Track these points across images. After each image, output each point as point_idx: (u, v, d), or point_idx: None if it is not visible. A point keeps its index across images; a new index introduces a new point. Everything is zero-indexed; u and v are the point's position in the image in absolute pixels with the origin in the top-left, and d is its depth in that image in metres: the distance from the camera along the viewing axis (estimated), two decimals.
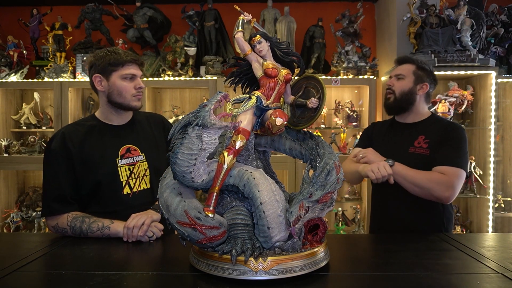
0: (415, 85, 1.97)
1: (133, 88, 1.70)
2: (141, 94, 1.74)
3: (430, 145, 1.88)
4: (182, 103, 3.95)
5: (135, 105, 1.73)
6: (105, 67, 1.67)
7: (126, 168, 1.69)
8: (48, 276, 1.13)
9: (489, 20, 3.55)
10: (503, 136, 3.78)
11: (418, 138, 1.93)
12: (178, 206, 1.06)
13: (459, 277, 1.10)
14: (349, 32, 3.60)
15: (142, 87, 1.72)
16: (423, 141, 1.91)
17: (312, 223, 1.14)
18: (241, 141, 1.07)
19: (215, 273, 1.05)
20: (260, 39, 1.15)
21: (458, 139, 1.87)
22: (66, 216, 1.58)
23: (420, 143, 1.91)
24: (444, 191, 1.77)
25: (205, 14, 3.69)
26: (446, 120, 2.06)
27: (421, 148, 1.90)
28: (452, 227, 1.99)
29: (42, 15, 3.79)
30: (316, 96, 1.20)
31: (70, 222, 1.55)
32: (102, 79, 1.69)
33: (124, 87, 1.68)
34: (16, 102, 3.90)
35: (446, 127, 1.93)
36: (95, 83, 1.71)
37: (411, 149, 1.92)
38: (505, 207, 3.63)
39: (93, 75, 1.70)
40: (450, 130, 1.90)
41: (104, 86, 1.70)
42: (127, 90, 1.69)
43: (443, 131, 1.90)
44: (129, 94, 1.69)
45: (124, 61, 1.67)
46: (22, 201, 3.78)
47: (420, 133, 1.94)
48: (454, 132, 1.89)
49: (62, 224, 1.57)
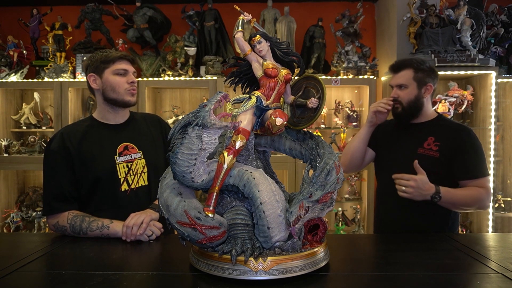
0: (419, 90, 1.93)
1: (126, 83, 1.74)
2: (134, 89, 1.77)
3: (440, 148, 1.86)
4: (182, 103, 3.95)
5: (129, 100, 1.76)
6: (98, 66, 1.74)
7: (124, 165, 1.72)
8: (48, 276, 1.13)
9: (489, 20, 3.55)
10: (503, 136, 3.78)
11: (428, 139, 1.90)
12: (178, 206, 1.06)
13: (459, 277, 1.10)
14: (349, 32, 3.60)
15: (134, 82, 1.77)
16: (433, 143, 1.88)
17: (312, 223, 1.14)
18: (241, 141, 1.07)
19: (215, 273, 1.05)
20: (260, 39, 1.15)
21: (476, 145, 1.88)
22: (66, 214, 1.60)
23: (430, 145, 1.88)
24: (487, 205, 1.86)
25: (205, 14, 3.69)
26: (454, 123, 2.05)
27: (431, 150, 1.87)
28: (457, 227, 1.98)
29: (42, 15, 3.79)
30: (316, 96, 1.20)
31: (70, 220, 1.57)
32: (96, 77, 1.75)
33: (117, 82, 1.73)
34: (16, 102, 3.90)
35: (459, 132, 1.90)
36: (90, 82, 1.77)
37: (420, 150, 1.89)
38: (505, 207, 3.63)
39: (88, 74, 1.77)
40: (465, 136, 1.88)
41: (98, 84, 1.75)
42: (119, 85, 1.73)
43: (457, 137, 1.87)
44: (122, 88, 1.73)
45: (114, 58, 1.73)
46: (22, 201, 3.78)
47: (429, 134, 1.91)
48: (471, 138, 1.88)
49: (62, 222, 1.59)
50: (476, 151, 1.86)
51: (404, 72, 1.95)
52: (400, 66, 1.98)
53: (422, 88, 1.93)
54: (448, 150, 1.85)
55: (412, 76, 1.93)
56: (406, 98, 1.93)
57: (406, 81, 1.94)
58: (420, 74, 1.93)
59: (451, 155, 1.85)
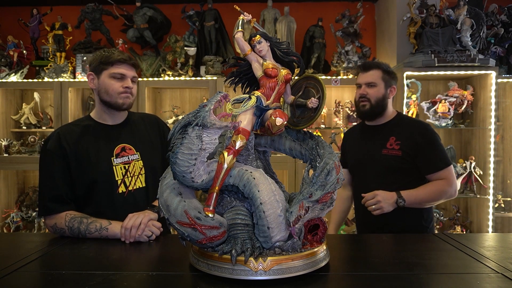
0: (386, 90, 2.05)
1: (120, 87, 1.70)
2: (128, 94, 1.72)
3: (401, 147, 1.98)
4: (182, 103, 3.95)
5: (122, 102, 1.72)
6: (97, 66, 1.72)
7: (121, 167, 1.70)
8: (48, 276, 1.13)
9: (489, 20, 3.55)
10: (503, 136, 3.78)
11: (390, 139, 2.01)
12: (178, 206, 1.06)
13: (459, 277, 1.10)
14: (349, 32, 3.60)
15: (129, 87, 1.72)
16: (395, 143, 2.00)
17: (312, 223, 1.14)
18: (241, 141, 1.07)
19: (215, 273, 1.05)
20: (260, 39, 1.15)
21: (434, 139, 1.99)
22: (64, 216, 1.57)
23: (392, 145, 2.00)
24: (452, 193, 1.96)
25: (205, 14, 3.69)
26: (411, 120, 2.18)
27: (394, 149, 1.99)
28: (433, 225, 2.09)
29: (42, 15, 3.79)
30: (316, 96, 1.20)
31: (68, 222, 1.55)
32: (94, 77, 1.74)
33: (111, 86, 1.70)
34: (16, 102, 3.90)
35: (415, 128, 2.01)
36: (88, 81, 1.76)
37: (384, 151, 2.01)
38: (505, 207, 3.63)
39: (87, 73, 1.76)
40: (422, 132, 1.99)
41: (95, 84, 1.74)
42: (113, 89, 1.70)
43: (415, 134, 1.98)
44: (115, 92, 1.70)
45: (114, 60, 1.70)
46: (22, 201, 3.78)
47: (390, 134, 2.03)
48: (427, 133, 1.99)
49: (60, 225, 1.57)
50: (433, 145, 1.98)
51: (373, 71, 2.07)
52: (370, 66, 2.10)
53: (388, 89, 2.06)
54: (408, 147, 1.97)
55: (381, 76, 2.05)
56: (375, 96, 2.04)
57: (375, 80, 2.05)
58: (387, 76, 2.06)
59: (412, 152, 1.96)
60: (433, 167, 1.96)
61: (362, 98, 2.06)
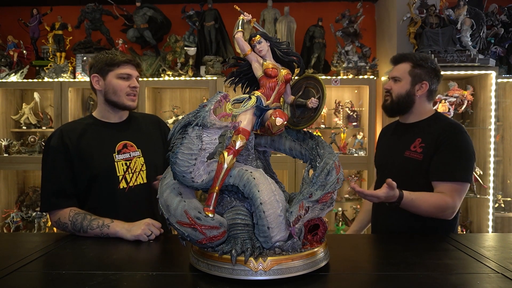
0: (412, 87, 1.85)
1: (128, 87, 1.76)
2: (135, 94, 1.79)
3: (424, 150, 1.76)
4: (182, 103, 3.95)
5: (129, 105, 1.78)
6: (102, 67, 1.75)
7: (123, 163, 1.73)
8: (48, 276, 1.13)
9: (489, 20, 3.54)
10: (503, 136, 3.77)
11: (415, 141, 1.81)
12: (178, 206, 1.06)
13: (459, 277, 1.10)
14: (349, 32, 3.60)
15: (136, 87, 1.78)
16: (419, 145, 1.79)
17: (312, 223, 1.14)
18: (241, 141, 1.07)
19: (215, 273, 1.05)
20: (260, 39, 1.15)
21: (460, 146, 1.71)
22: (68, 211, 1.61)
23: (416, 147, 1.79)
24: (450, 214, 1.69)
25: (205, 14, 3.69)
26: (447, 120, 1.88)
27: (415, 152, 1.78)
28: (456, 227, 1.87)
29: (42, 15, 3.78)
30: (316, 96, 1.20)
31: (71, 217, 1.58)
32: (100, 78, 1.77)
33: (119, 86, 1.75)
34: (16, 102, 3.90)
35: (445, 131, 1.76)
36: (93, 83, 1.79)
37: (406, 153, 1.82)
38: (505, 207, 3.63)
39: (92, 75, 1.78)
40: (449, 136, 1.74)
41: (101, 85, 1.77)
42: (121, 89, 1.75)
43: (440, 134, 1.75)
44: (123, 92, 1.75)
45: (120, 61, 1.75)
46: (22, 201, 3.78)
47: (418, 134, 1.83)
48: (456, 137, 1.73)
49: (64, 219, 1.60)
50: (455, 152, 1.70)
51: (402, 65, 1.90)
52: (399, 59, 1.93)
53: (416, 85, 1.85)
54: (431, 151, 1.73)
55: (408, 70, 1.86)
56: (397, 91, 1.87)
57: (401, 75, 1.88)
58: (418, 70, 1.85)
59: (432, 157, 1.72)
60: (438, 173, 1.70)
61: (386, 93, 1.93)
